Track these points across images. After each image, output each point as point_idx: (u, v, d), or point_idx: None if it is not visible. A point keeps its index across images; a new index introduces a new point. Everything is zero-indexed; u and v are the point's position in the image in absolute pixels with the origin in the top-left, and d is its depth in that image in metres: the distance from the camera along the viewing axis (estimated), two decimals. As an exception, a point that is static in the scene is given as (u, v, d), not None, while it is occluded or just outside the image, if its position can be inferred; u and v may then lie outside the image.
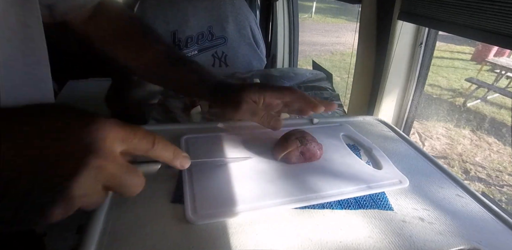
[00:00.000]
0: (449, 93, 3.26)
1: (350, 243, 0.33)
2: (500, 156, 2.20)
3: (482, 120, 2.68)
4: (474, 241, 0.34)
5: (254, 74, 1.13)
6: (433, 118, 2.72)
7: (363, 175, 0.44)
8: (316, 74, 1.13)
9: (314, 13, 7.30)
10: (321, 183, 0.41)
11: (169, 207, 0.37)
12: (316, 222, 0.36)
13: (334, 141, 0.52)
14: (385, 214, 0.38)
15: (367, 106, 0.87)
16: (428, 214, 0.38)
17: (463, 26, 0.52)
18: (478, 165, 2.13)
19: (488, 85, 2.94)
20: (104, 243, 0.32)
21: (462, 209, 0.40)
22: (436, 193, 0.42)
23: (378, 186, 0.42)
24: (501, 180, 1.99)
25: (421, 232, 0.35)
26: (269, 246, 0.32)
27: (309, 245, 0.33)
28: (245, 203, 0.37)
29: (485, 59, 3.41)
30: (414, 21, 0.66)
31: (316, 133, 0.54)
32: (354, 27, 0.84)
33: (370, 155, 0.50)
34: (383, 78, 0.79)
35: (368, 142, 0.53)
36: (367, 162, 0.48)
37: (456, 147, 2.34)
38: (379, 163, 0.47)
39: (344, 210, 0.38)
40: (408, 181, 0.43)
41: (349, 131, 0.56)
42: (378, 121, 0.63)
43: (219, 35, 1.25)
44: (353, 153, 0.49)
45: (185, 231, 0.33)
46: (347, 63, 4.11)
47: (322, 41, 5.49)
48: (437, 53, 2.33)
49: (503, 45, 0.47)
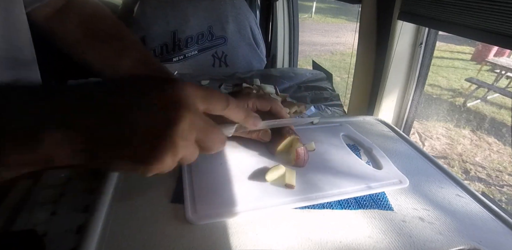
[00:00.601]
0: (449, 93, 3.26)
1: (350, 243, 0.33)
2: (500, 156, 2.20)
3: (482, 120, 2.68)
4: (474, 241, 0.34)
5: (254, 74, 1.13)
6: (433, 118, 2.72)
7: (363, 175, 0.44)
8: (316, 74, 1.13)
9: (314, 13, 7.30)
10: (321, 183, 0.41)
11: (169, 207, 0.37)
12: (316, 222, 0.36)
13: (334, 141, 0.52)
14: (385, 214, 0.38)
15: (367, 106, 0.87)
16: (428, 214, 0.38)
17: (463, 26, 0.52)
18: (478, 165, 2.13)
19: (488, 85, 2.94)
20: (104, 243, 0.32)
21: (462, 209, 0.40)
22: (436, 193, 0.42)
23: (378, 186, 0.42)
24: (501, 180, 1.99)
25: (421, 232, 0.35)
26: (269, 246, 0.32)
27: (309, 245, 0.33)
28: (245, 203, 0.37)
29: (485, 59, 3.42)
30: (414, 21, 0.66)
31: (316, 133, 0.54)
32: (354, 27, 0.84)
33: (370, 155, 0.50)
34: (383, 78, 0.79)
35: (368, 142, 0.53)
36: (367, 162, 0.48)
37: (456, 147, 2.34)
38: (379, 163, 0.47)
39: (344, 210, 0.38)
40: (408, 181, 0.43)
41: (349, 131, 0.56)
42: (378, 121, 0.63)
43: (219, 35, 1.26)
44: (353, 153, 0.49)
45: (185, 231, 0.33)
46: (347, 63, 4.11)
47: (322, 41, 5.50)
48: (437, 53, 2.33)
49: (503, 45, 0.47)
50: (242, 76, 1.11)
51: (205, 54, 1.27)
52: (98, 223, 0.34)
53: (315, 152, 0.48)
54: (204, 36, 1.24)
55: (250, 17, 1.29)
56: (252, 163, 0.45)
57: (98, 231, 0.33)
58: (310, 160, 0.45)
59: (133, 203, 0.37)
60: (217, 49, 1.27)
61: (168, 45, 1.22)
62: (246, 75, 1.13)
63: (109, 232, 0.33)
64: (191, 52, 1.25)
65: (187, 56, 1.25)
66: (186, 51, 1.24)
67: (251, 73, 1.15)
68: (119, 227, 0.34)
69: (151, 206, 0.36)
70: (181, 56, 1.24)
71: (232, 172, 0.42)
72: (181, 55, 1.24)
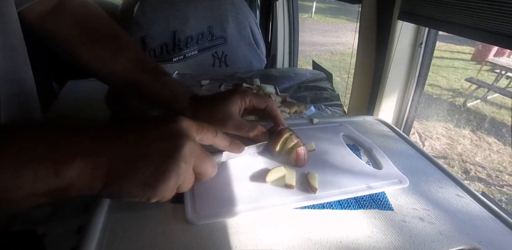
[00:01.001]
0: (449, 93, 3.26)
1: (350, 243, 0.33)
2: (500, 156, 2.20)
3: (482, 120, 2.68)
4: (474, 241, 0.34)
5: (254, 74, 1.13)
6: (433, 118, 2.72)
7: (363, 175, 0.44)
8: (316, 74, 1.13)
9: (314, 13, 7.30)
10: (321, 183, 0.41)
11: (169, 207, 0.37)
12: (316, 222, 0.36)
13: (334, 141, 0.52)
14: (385, 214, 0.38)
15: (367, 106, 0.87)
16: (428, 214, 0.38)
17: (463, 26, 0.52)
18: (478, 165, 2.13)
19: (488, 85, 2.94)
20: (104, 243, 0.32)
21: (462, 209, 0.40)
22: (436, 193, 0.42)
23: (378, 186, 0.42)
24: (501, 180, 1.99)
25: (421, 232, 0.35)
26: (269, 246, 0.32)
27: (309, 245, 0.33)
28: (245, 203, 0.37)
29: (485, 59, 3.41)
30: (414, 21, 0.66)
31: (316, 133, 0.54)
32: (354, 27, 0.84)
33: (370, 155, 0.50)
34: (383, 78, 0.79)
35: (368, 142, 0.53)
36: (367, 162, 0.48)
37: (456, 147, 2.34)
38: (379, 163, 0.47)
39: (344, 210, 0.38)
40: (408, 181, 0.43)
41: (349, 131, 0.56)
42: (378, 121, 0.63)
43: (219, 35, 1.25)
44: (353, 153, 0.49)
45: (185, 231, 0.33)
46: (347, 63, 4.11)
47: (322, 41, 5.49)
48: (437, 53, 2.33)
49: (503, 45, 0.47)
50: (242, 76, 1.11)
51: (205, 54, 1.26)
52: (98, 223, 0.34)
53: (315, 152, 0.48)
54: (204, 36, 1.24)
55: (250, 17, 1.29)
56: (252, 163, 0.45)
57: (98, 231, 0.33)
58: (310, 160, 0.45)
59: (133, 203, 0.37)
60: (217, 49, 1.27)
61: (168, 45, 1.22)
62: (246, 75, 1.13)
63: (109, 232, 0.33)
64: (191, 52, 1.25)
65: (187, 56, 1.25)
66: (186, 51, 1.23)
67: (251, 73, 1.15)
68: (119, 227, 0.34)
69: (151, 206, 0.36)
70: (181, 56, 1.24)
71: (232, 172, 0.42)
72: (181, 55, 1.24)
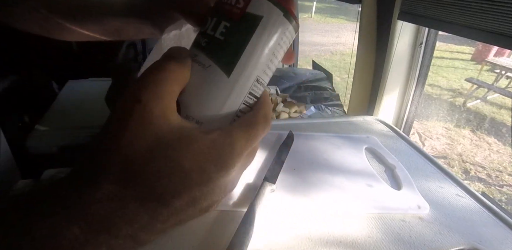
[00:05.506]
0: (449, 93, 3.26)
1: (350, 243, 0.33)
2: (500, 156, 2.20)
3: (482, 120, 2.67)
4: (474, 241, 0.34)
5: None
6: (433, 118, 2.72)
7: (378, 196, 0.40)
8: (316, 74, 1.13)
9: (314, 13, 7.29)
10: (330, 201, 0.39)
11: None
12: (316, 222, 0.36)
13: (356, 154, 0.49)
14: (385, 214, 0.38)
15: (367, 106, 0.87)
16: (428, 214, 0.38)
17: (463, 26, 0.52)
18: (478, 165, 2.13)
19: (488, 85, 2.94)
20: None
21: (462, 209, 0.40)
22: (436, 193, 0.42)
23: (393, 209, 0.39)
24: (501, 180, 1.99)
25: (421, 232, 0.35)
26: (269, 246, 0.32)
27: (309, 245, 0.33)
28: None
29: (485, 59, 3.41)
30: (414, 21, 0.66)
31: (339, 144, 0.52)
32: (354, 27, 0.84)
33: (392, 173, 0.46)
34: (383, 78, 0.79)
35: (393, 158, 0.49)
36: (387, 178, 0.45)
37: (456, 147, 2.34)
38: (399, 183, 0.43)
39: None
40: (428, 208, 0.39)
41: (375, 144, 0.53)
42: (378, 121, 0.63)
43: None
44: (372, 169, 0.46)
45: (186, 231, 0.33)
46: (347, 63, 4.11)
47: (322, 41, 5.49)
48: (437, 53, 2.33)
49: (503, 45, 0.47)
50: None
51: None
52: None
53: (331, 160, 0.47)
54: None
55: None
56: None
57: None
58: (322, 168, 0.44)
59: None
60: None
61: (168, 45, 1.23)
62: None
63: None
64: (191, 52, 1.25)
65: (187, 56, 1.25)
66: (186, 51, 1.24)
67: (251, 73, 1.15)
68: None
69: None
70: (181, 56, 1.24)
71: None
72: (181, 55, 1.24)
